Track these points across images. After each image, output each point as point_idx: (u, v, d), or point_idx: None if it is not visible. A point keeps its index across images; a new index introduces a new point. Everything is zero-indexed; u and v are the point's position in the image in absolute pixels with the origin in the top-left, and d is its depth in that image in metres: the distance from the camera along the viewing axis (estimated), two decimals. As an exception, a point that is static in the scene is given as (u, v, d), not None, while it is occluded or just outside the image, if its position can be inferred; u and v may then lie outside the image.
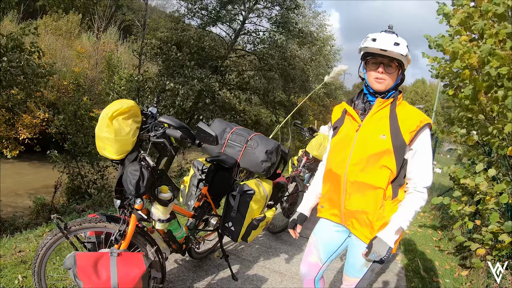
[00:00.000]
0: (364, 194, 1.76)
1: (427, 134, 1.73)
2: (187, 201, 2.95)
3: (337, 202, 1.85)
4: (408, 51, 1.71)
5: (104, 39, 23.81)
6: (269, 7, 13.83)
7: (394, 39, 1.69)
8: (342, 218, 1.86)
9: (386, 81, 1.74)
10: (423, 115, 1.76)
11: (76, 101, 9.97)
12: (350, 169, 1.77)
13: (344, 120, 1.89)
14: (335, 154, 1.88)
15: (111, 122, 1.87)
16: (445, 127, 4.70)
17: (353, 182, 1.77)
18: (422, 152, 1.73)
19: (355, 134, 1.79)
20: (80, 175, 9.42)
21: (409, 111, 1.77)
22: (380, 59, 1.73)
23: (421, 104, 40.40)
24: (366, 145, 1.74)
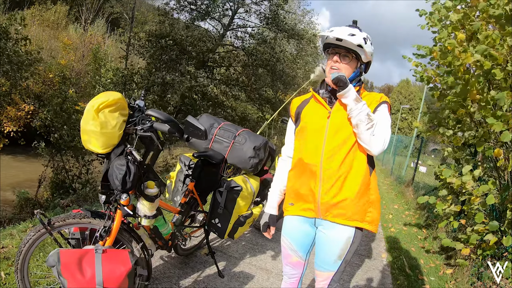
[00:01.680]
0: (341, 179, 1.74)
1: (385, 108, 1.77)
2: (173, 197, 2.91)
3: (311, 194, 1.79)
4: (366, 43, 1.74)
5: (91, 31, 23.45)
6: (258, 2, 13.80)
7: (350, 31, 1.73)
8: (318, 211, 1.79)
9: (341, 71, 1.76)
10: (382, 95, 1.83)
11: (62, 94, 9.79)
12: (326, 156, 1.74)
13: (309, 107, 1.88)
14: (306, 144, 1.83)
15: (97, 115, 1.83)
16: (431, 127, 4.75)
17: (329, 168, 1.74)
18: (380, 114, 1.75)
19: (327, 121, 1.78)
20: (65, 169, 9.26)
21: (370, 94, 1.83)
22: (337, 50, 1.77)
23: (406, 104, 40.82)
24: (339, 131, 1.74)
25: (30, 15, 21.10)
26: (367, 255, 4.31)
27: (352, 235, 1.77)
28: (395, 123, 35.69)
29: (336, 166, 1.73)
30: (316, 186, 1.77)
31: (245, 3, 13.76)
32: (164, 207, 2.57)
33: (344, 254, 1.79)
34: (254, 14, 14.27)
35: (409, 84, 49.78)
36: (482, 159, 4.06)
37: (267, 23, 13.89)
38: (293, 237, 1.91)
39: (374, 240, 4.99)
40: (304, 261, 1.95)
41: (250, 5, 13.96)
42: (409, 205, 7.89)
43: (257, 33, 14.30)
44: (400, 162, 14.33)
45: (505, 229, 3.20)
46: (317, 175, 1.76)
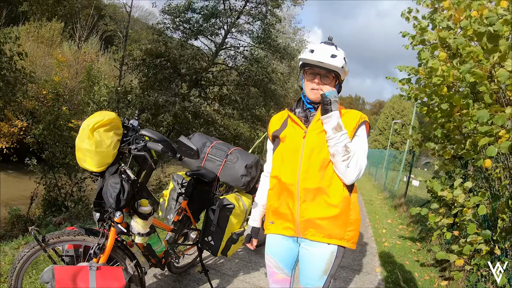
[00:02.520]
0: (318, 198, 1.75)
1: (364, 131, 1.79)
2: (167, 215, 2.93)
3: (290, 213, 1.80)
4: (345, 63, 1.76)
5: (85, 48, 23.55)
6: (251, 22, 14.04)
7: (332, 51, 1.73)
8: (298, 230, 1.80)
9: (324, 89, 1.77)
10: (360, 113, 1.83)
11: (55, 110, 9.78)
12: (303, 176, 1.76)
13: (286, 129, 1.88)
14: (283, 163, 1.84)
15: (92, 134, 1.87)
16: (422, 141, 4.83)
17: (306, 188, 1.75)
18: (358, 140, 1.76)
19: (303, 141, 1.78)
20: (57, 187, 9.19)
21: (348, 112, 1.83)
22: (317, 70, 1.76)
23: (398, 119, 41.05)
24: (315, 150, 1.75)
25: (25, 31, 21.17)
26: (361, 270, 4.32)
27: (335, 249, 1.78)
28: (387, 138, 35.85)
29: (313, 185, 1.74)
30: (294, 205, 1.78)
31: (238, 23, 14.00)
32: (158, 225, 2.59)
33: (329, 268, 1.79)
34: (246, 33, 14.53)
35: (402, 99, 49.94)
36: (474, 171, 4.12)
37: (259, 43, 14.12)
38: (277, 254, 1.91)
39: (368, 254, 5.00)
40: (290, 277, 1.95)
41: (243, 25, 14.20)
42: (402, 219, 7.92)
43: (249, 53, 14.50)
44: (393, 177, 14.41)
45: (497, 238, 3.24)
46: (295, 194, 1.78)
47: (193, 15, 13.76)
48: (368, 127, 1.84)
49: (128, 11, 13.44)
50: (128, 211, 2.09)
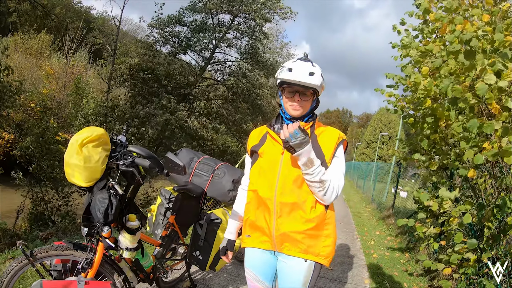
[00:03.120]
0: (294, 214, 1.77)
1: (341, 152, 1.86)
2: (154, 230, 2.93)
3: (267, 227, 1.82)
4: (323, 79, 1.79)
5: (74, 61, 23.48)
6: (239, 37, 14.20)
7: (309, 69, 1.76)
8: (274, 243, 1.82)
9: (302, 108, 1.81)
10: (339, 132, 1.88)
11: (43, 123, 9.70)
12: (280, 192, 1.78)
13: (265, 144, 1.90)
14: (261, 178, 1.86)
15: (81, 149, 1.89)
16: (408, 154, 4.92)
17: (283, 203, 1.77)
18: (336, 160, 1.82)
19: (281, 157, 1.82)
20: (44, 201, 9.06)
21: (326, 130, 1.88)
22: (296, 88, 1.78)
23: (385, 131, 41.48)
24: (293, 167, 1.77)
25: (14, 42, 21.06)
26: (350, 282, 4.34)
27: (312, 264, 1.80)
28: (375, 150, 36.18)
29: (289, 200, 1.76)
30: (270, 219, 1.81)
31: (227, 38, 14.15)
32: (145, 240, 2.59)
33: (308, 281, 1.81)
34: (234, 48, 14.67)
35: (389, 112, 50.40)
36: (461, 181, 4.20)
37: (246, 58, 14.28)
38: (256, 268, 1.93)
39: (357, 266, 5.03)
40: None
41: (232, 40, 14.35)
42: (390, 230, 7.98)
43: (237, 68, 14.64)
44: (380, 189, 14.52)
45: (483, 247, 3.29)
46: (271, 209, 1.80)
47: (182, 29, 13.88)
48: (345, 146, 1.90)
49: (117, 25, 13.46)
50: (116, 226, 2.10)
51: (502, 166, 3.31)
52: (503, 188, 3.29)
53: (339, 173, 1.81)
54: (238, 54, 14.75)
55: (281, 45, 20.53)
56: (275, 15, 14.09)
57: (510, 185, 3.19)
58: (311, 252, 1.78)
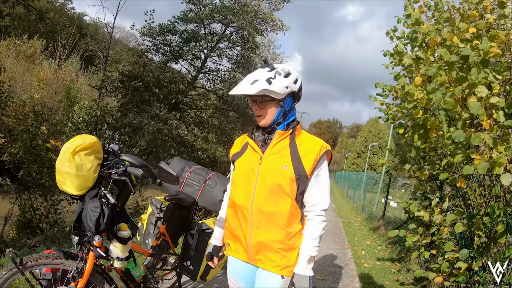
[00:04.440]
0: (271, 223, 1.76)
1: (325, 161, 1.81)
2: (145, 240, 2.92)
3: (243, 237, 1.82)
4: (272, 82, 1.70)
5: (65, 67, 23.35)
6: (231, 47, 14.27)
7: (254, 77, 1.74)
8: (250, 254, 1.82)
9: (265, 116, 1.79)
10: (322, 143, 1.83)
11: (33, 129, 9.59)
12: (256, 201, 1.77)
13: (245, 153, 1.89)
14: (239, 187, 1.86)
15: (73, 157, 1.89)
16: (398, 164, 4.96)
17: (260, 212, 1.76)
18: (321, 178, 1.79)
19: (258, 166, 1.80)
20: (32, 208, 8.94)
21: (308, 140, 1.83)
22: (253, 97, 1.78)
23: (375, 142, 41.80)
24: (270, 176, 1.76)
25: (6, 46, 20.89)
26: (341, 292, 4.34)
27: (288, 279, 1.79)
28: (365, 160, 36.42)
29: (267, 209, 1.75)
30: (247, 229, 1.80)
31: (218, 47, 14.21)
32: (136, 250, 2.57)
33: None
34: (226, 58, 14.75)
35: (379, 122, 50.98)
36: (451, 191, 4.24)
37: (238, 67, 14.35)
38: (238, 275, 1.93)
39: (348, 276, 5.03)
40: None
41: (224, 49, 14.42)
42: (381, 240, 8.00)
43: (228, 77, 14.68)
44: (371, 199, 14.58)
45: (474, 255, 3.32)
46: (248, 218, 1.80)
47: (173, 37, 13.91)
48: (330, 157, 1.86)
49: (110, 32, 13.46)
50: (107, 235, 2.08)
51: (492, 176, 3.36)
52: (493, 197, 3.34)
53: (325, 193, 1.80)
54: (230, 63, 14.84)
55: (273, 56, 20.66)
56: (267, 26, 14.20)
57: (499, 194, 3.23)
58: (287, 266, 1.78)
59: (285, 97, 1.78)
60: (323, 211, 1.78)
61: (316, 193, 1.79)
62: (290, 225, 1.77)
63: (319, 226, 1.77)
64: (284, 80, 1.74)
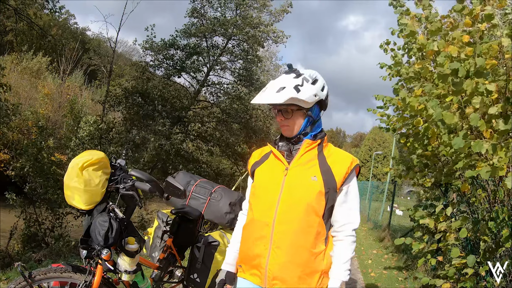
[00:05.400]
0: (295, 243, 1.57)
1: (355, 177, 1.68)
2: (151, 253, 2.93)
3: (259, 257, 1.61)
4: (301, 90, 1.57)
5: (69, 82, 23.56)
6: (233, 60, 14.37)
7: (281, 83, 1.59)
8: (265, 278, 1.60)
9: (290, 127, 1.65)
10: (352, 156, 1.70)
11: (37, 144, 9.66)
12: (279, 216, 1.59)
13: (266, 163, 1.74)
14: (260, 200, 1.68)
15: (81, 172, 1.92)
16: (403, 172, 4.97)
17: (283, 230, 1.58)
18: (351, 194, 1.65)
19: (283, 178, 1.63)
20: (37, 222, 8.96)
21: (337, 153, 1.70)
22: (277, 107, 1.65)
23: (380, 150, 41.65)
24: (297, 189, 1.60)
25: (10, 61, 21.11)
26: (348, 302, 4.32)
27: None
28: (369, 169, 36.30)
29: (290, 229, 1.58)
30: (266, 249, 1.60)
31: (221, 61, 14.32)
32: (143, 263, 2.58)
33: None
34: (228, 71, 14.84)
35: (382, 131, 50.36)
36: (456, 196, 4.24)
37: (240, 80, 14.44)
38: None
39: (354, 286, 5.00)
40: None
41: (225, 62, 14.53)
42: (387, 249, 7.97)
43: (231, 90, 14.76)
44: (376, 208, 14.54)
45: (481, 260, 3.31)
46: (268, 236, 1.60)
47: (176, 52, 14.04)
48: (358, 172, 1.71)
49: (113, 47, 13.64)
50: (115, 248, 2.11)
51: (495, 180, 3.37)
52: (497, 201, 3.34)
53: (355, 210, 1.66)
54: (232, 76, 14.93)
55: (275, 67, 20.76)
56: (268, 38, 14.32)
57: (503, 198, 3.24)
58: None
59: (313, 105, 1.64)
60: (353, 230, 1.63)
61: (346, 211, 1.63)
62: (315, 245, 1.59)
63: (350, 247, 1.62)
64: (312, 88, 1.61)
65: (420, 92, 3.47)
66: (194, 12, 13.80)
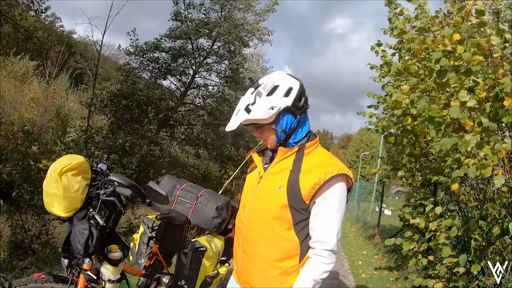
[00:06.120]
0: (258, 254, 1.55)
1: (335, 188, 1.48)
2: (138, 260, 2.86)
3: (236, 259, 1.68)
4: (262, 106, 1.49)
5: (55, 85, 23.22)
6: (219, 61, 14.34)
7: (239, 106, 1.55)
8: (239, 277, 1.66)
9: (266, 140, 1.60)
10: (334, 165, 1.51)
11: (23, 149, 9.48)
12: (247, 224, 1.59)
13: (255, 170, 1.70)
14: (240, 205, 1.71)
15: (60, 178, 1.85)
16: (390, 172, 4.98)
17: (249, 238, 1.59)
18: (325, 208, 1.47)
19: (256, 186, 1.61)
20: (24, 229, 8.79)
21: (318, 160, 1.54)
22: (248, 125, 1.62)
23: (367, 151, 42.04)
24: (262, 198, 1.56)
25: (-6, 65, 20.75)
26: (339, 304, 4.29)
27: None
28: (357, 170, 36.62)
29: (255, 237, 1.56)
30: (239, 253, 1.65)
31: (206, 63, 14.26)
32: (129, 271, 2.51)
33: None
34: (214, 73, 14.80)
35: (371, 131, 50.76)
36: (444, 194, 4.26)
37: (226, 82, 14.40)
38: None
39: (345, 288, 4.99)
40: None
41: (211, 64, 14.48)
42: (377, 249, 7.98)
43: (217, 91, 14.72)
44: (365, 208, 14.62)
45: (472, 259, 3.31)
46: (240, 242, 1.65)
47: (161, 54, 13.95)
48: (346, 184, 1.52)
49: (98, 50, 13.46)
50: (98, 257, 2.03)
51: (484, 178, 3.37)
52: (487, 199, 3.35)
53: (329, 229, 1.46)
54: (218, 78, 14.89)
55: (262, 70, 20.68)
56: (253, 38, 14.30)
57: (492, 196, 3.24)
58: None
59: (277, 117, 1.53)
60: (325, 251, 1.44)
61: (318, 227, 1.47)
62: (282, 259, 1.50)
63: (318, 268, 1.44)
64: (267, 100, 1.49)
65: (407, 89, 3.46)
66: (178, 15, 13.72)
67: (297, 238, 1.51)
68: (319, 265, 1.44)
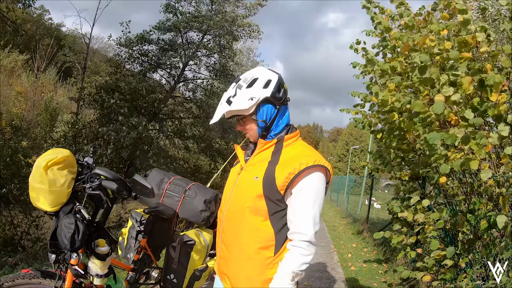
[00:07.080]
0: (236, 244, 1.58)
1: (310, 179, 1.49)
2: (126, 254, 2.85)
3: (217, 250, 1.72)
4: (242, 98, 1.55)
5: (43, 79, 22.90)
6: (208, 54, 14.28)
7: (221, 100, 1.62)
8: (218, 268, 1.71)
9: (249, 133, 1.65)
10: (310, 156, 1.52)
11: (12, 144, 9.35)
12: (227, 215, 1.63)
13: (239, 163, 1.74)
14: (222, 196, 1.75)
15: (46, 172, 1.83)
16: (380, 166, 5.02)
17: (227, 228, 1.62)
18: (300, 199, 1.49)
19: (237, 177, 1.65)
20: (13, 225, 8.71)
21: (295, 152, 1.56)
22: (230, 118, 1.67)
23: (357, 145, 42.31)
24: (241, 189, 1.59)
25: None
26: (328, 297, 4.33)
27: None
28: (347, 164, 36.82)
29: (233, 227, 1.60)
30: (219, 243, 1.70)
31: (196, 56, 14.18)
32: (117, 265, 2.50)
33: None
34: (204, 66, 14.73)
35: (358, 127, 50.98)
36: (431, 190, 4.31)
37: (216, 75, 14.36)
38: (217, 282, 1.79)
39: (335, 280, 5.03)
40: None
41: (201, 57, 14.40)
42: (367, 242, 8.05)
43: (206, 85, 14.67)
44: (355, 201, 14.72)
45: (460, 252, 3.36)
46: (220, 232, 1.69)
47: (150, 47, 13.84)
48: (325, 175, 1.55)
49: (87, 43, 13.27)
50: (85, 251, 2.02)
51: (471, 172, 3.42)
52: (475, 193, 3.39)
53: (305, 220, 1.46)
54: (208, 71, 14.83)
55: (252, 64, 20.55)
56: (243, 33, 14.25)
57: (477, 189, 3.29)
58: None
59: (257, 108, 1.58)
60: (303, 242, 1.45)
61: (295, 218, 1.49)
62: (258, 250, 1.52)
63: (295, 260, 1.44)
64: (247, 92, 1.55)
65: (393, 87, 3.49)
66: (168, 7, 13.59)
67: (272, 229, 1.53)
68: (297, 257, 1.45)
